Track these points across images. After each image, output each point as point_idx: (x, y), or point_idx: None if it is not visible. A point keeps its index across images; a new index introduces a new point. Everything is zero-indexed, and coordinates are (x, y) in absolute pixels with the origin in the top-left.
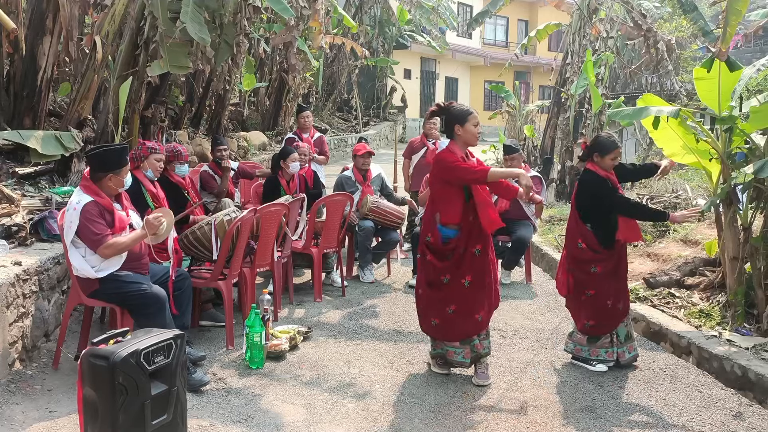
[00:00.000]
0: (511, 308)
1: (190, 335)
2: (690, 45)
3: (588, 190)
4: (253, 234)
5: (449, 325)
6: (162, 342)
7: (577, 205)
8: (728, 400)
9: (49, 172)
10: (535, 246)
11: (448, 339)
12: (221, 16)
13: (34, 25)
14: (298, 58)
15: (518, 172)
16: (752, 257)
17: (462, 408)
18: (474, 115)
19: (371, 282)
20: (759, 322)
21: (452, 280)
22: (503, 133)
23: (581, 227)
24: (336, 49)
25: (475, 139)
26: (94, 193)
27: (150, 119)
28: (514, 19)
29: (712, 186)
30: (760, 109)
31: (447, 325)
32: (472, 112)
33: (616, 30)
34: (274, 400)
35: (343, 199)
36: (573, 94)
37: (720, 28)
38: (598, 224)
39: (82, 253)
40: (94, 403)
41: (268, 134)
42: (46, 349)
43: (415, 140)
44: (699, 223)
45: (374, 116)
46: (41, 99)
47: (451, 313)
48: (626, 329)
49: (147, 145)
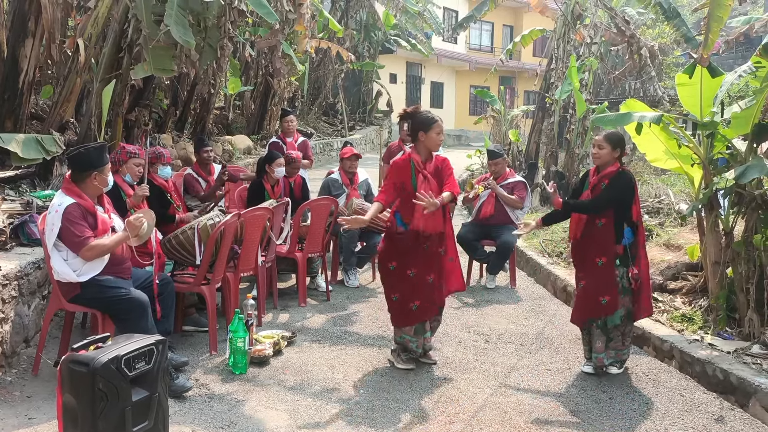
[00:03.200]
0: (496, 312)
1: (172, 340)
2: (673, 51)
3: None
4: (237, 238)
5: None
6: (143, 347)
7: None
8: (710, 404)
9: (30, 176)
10: (520, 250)
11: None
12: (205, 19)
13: (15, 28)
14: (283, 62)
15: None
16: (734, 262)
17: (446, 413)
18: (438, 123)
19: (356, 287)
20: (740, 326)
21: (398, 268)
22: (488, 138)
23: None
24: (322, 53)
25: (437, 146)
26: (77, 195)
27: (134, 122)
28: (499, 24)
29: (694, 191)
30: (741, 115)
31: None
32: (437, 120)
33: (600, 36)
34: (257, 406)
35: (328, 203)
36: (557, 99)
37: (702, 35)
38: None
39: (64, 257)
40: (74, 409)
41: (253, 138)
42: (25, 355)
43: (393, 145)
44: (681, 227)
45: (360, 120)
46: (23, 102)
47: (395, 300)
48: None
49: (126, 149)
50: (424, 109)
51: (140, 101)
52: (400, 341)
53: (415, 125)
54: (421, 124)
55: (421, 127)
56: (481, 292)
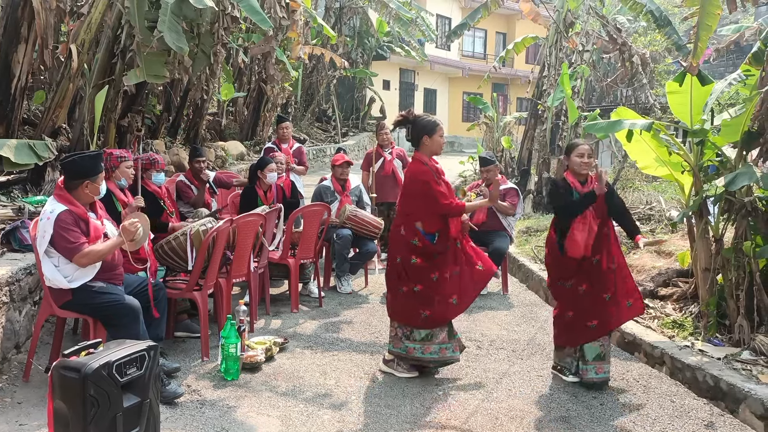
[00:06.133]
0: (488, 319)
1: (164, 346)
2: (664, 59)
3: (549, 195)
4: (230, 244)
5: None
6: (135, 353)
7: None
8: (700, 410)
9: (22, 181)
10: (512, 257)
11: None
12: (199, 25)
13: (8, 33)
14: (276, 69)
15: (486, 203)
16: (724, 268)
17: (438, 419)
18: (441, 126)
19: (348, 293)
20: (731, 332)
21: (440, 277)
22: (481, 145)
23: (550, 234)
24: (315, 59)
25: (441, 148)
26: (69, 202)
27: (126, 128)
28: (492, 31)
29: (685, 198)
30: (731, 123)
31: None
32: (439, 123)
33: (592, 44)
34: (249, 412)
35: (321, 210)
36: (550, 106)
37: (692, 43)
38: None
39: (55, 263)
40: (65, 416)
41: (246, 144)
42: (16, 361)
43: (370, 152)
44: (672, 234)
45: (353, 127)
46: (15, 107)
47: (455, 303)
48: (600, 349)
49: (115, 154)
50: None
51: (133, 107)
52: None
53: (418, 130)
54: (425, 128)
55: (425, 132)
56: None
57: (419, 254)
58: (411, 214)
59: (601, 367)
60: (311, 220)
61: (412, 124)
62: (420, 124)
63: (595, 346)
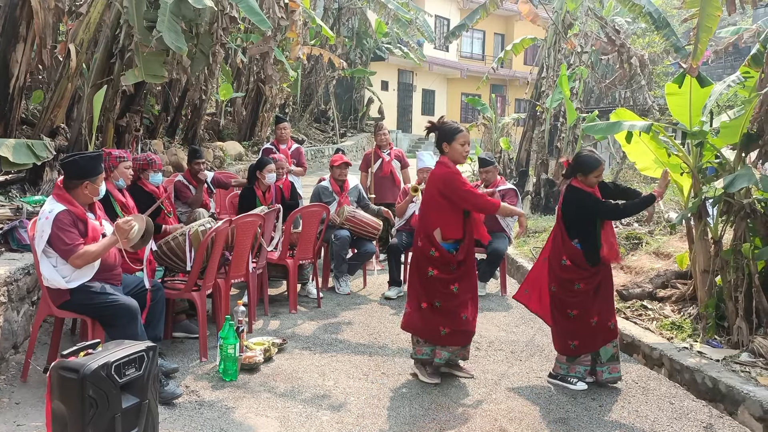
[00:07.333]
0: (486, 320)
1: (162, 347)
2: (662, 60)
3: (573, 203)
4: (228, 245)
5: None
6: (133, 354)
7: (564, 220)
8: (699, 412)
9: (20, 181)
10: (511, 258)
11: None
12: (198, 25)
13: (6, 32)
14: (275, 69)
15: (521, 212)
16: (722, 270)
17: (436, 420)
18: (463, 133)
19: (347, 293)
20: (729, 334)
21: (461, 288)
22: (479, 146)
23: (567, 244)
24: (313, 60)
25: (462, 157)
26: (68, 202)
27: (125, 128)
28: (491, 32)
29: (684, 199)
30: (730, 125)
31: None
32: (462, 130)
33: (591, 45)
34: (247, 413)
35: (319, 210)
36: (548, 107)
37: (691, 45)
38: (585, 238)
39: (53, 263)
40: (63, 416)
41: (244, 144)
42: (14, 362)
43: (368, 153)
44: (671, 236)
45: (351, 127)
46: (13, 107)
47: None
48: (613, 350)
49: (114, 154)
50: (451, 119)
51: (131, 107)
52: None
53: (439, 137)
54: (445, 135)
55: (444, 139)
56: None
57: (437, 265)
58: (430, 223)
59: (615, 367)
60: (310, 221)
61: (438, 130)
62: (442, 130)
63: (609, 348)
